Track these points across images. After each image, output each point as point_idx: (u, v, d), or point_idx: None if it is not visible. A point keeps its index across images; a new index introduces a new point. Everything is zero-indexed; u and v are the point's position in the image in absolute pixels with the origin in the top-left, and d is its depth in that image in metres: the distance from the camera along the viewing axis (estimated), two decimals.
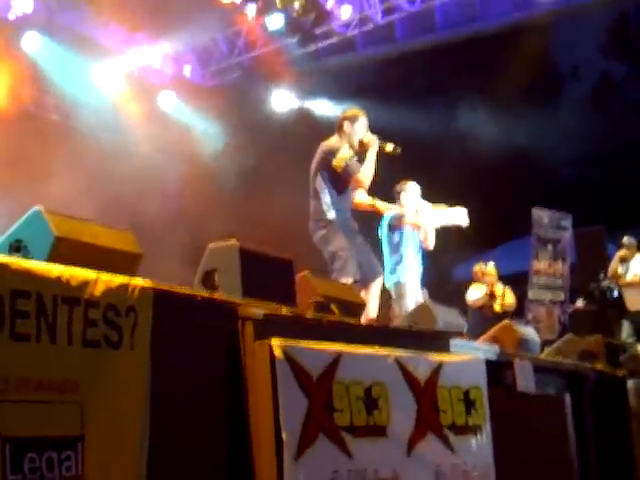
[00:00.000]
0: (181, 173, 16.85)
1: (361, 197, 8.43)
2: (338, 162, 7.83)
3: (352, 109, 8.29)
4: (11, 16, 13.74)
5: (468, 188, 13.55)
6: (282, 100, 16.81)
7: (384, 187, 8.99)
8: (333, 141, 8.05)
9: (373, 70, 17.22)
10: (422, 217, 9.64)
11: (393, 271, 9.59)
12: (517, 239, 17.37)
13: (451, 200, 9.90)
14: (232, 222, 14.21)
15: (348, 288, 6.15)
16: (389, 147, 8.03)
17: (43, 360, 2.97)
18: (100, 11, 14.16)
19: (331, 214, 7.89)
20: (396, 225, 9.67)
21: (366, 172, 7.91)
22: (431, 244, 9.63)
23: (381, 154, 8.04)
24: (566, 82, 27.11)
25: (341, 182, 7.93)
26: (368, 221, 8.83)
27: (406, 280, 9.57)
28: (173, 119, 16.61)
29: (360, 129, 8.07)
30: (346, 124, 8.06)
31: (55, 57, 14.19)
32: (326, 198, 7.92)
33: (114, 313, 3.25)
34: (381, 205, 8.92)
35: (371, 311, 7.75)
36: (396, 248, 9.67)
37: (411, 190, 9.91)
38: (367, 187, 8.11)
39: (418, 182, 9.73)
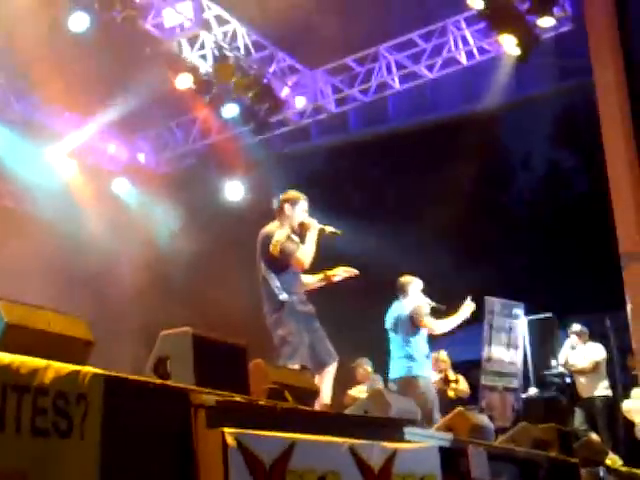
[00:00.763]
0: (134, 258, 16.78)
1: (307, 279, 8.36)
2: (274, 247, 7.86)
3: (292, 192, 8.29)
4: None
5: (422, 276, 13.58)
6: (234, 190, 16.88)
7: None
8: (272, 226, 8.07)
9: (326, 158, 17.39)
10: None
11: (407, 363, 10.08)
12: (470, 327, 17.41)
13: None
14: (185, 308, 14.14)
15: (301, 375, 6.13)
16: (329, 229, 8.10)
17: None
18: (52, 98, 14.21)
19: (283, 296, 7.88)
20: (416, 320, 10.14)
21: (306, 251, 7.91)
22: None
23: (322, 236, 8.07)
24: (517, 172, 27.51)
25: (283, 265, 7.94)
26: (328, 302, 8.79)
27: (419, 374, 10.02)
28: (127, 205, 16.60)
29: (300, 212, 8.11)
30: (287, 206, 8.09)
31: (8, 143, 14.17)
32: (275, 282, 7.92)
33: (64, 401, 3.21)
34: (331, 272, 8.58)
35: (325, 397, 7.69)
36: (414, 341, 10.20)
37: (417, 284, 10.36)
38: (307, 266, 8.02)
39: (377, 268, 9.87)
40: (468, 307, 10.54)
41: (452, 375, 13.53)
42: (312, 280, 8.37)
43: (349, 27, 13.54)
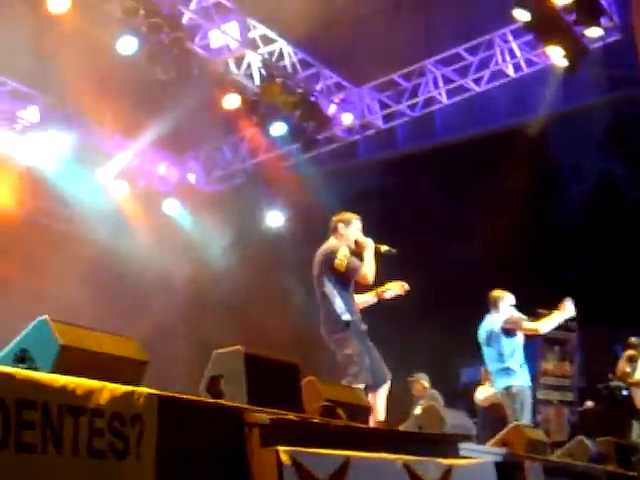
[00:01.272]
0: (185, 278, 16.90)
1: (359, 298, 8.31)
2: (340, 262, 7.85)
3: (346, 213, 8.30)
4: (17, 126, 13.99)
5: (472, 291, 13.47)
6: (283, 208, 16.96)
7: None
8: (331, 243, 8.08)
9: (374, 174, 17.40)
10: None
11: (502, 375, 10.25)
12: (524, 341, 17.28)
13: (452, 302, 10.09)
14: (235, 326, 14.20)
15: (354, 392, 6.10)
16: (384, 248, 8.09)
17: (50, 472, 2.93)
18: (103, 121, 14.37)
19: (346, 316, 7.87)
20: (511, 330, 10.24)
21: (368, 267, 7.91)
22: None
23: (378, 255, 8.06)
24: (566, 183, 27.29)
25: (347, 281, 7.95)
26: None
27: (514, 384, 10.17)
28: (177, 225, 16.71)
29: (354, 231, 8.11)
30: (341, 226, 8.10)
31: (60, 166, 14.33)
32: (338, 301, 7.90)
33: (120, 422, 3.22)
34: (382, 288, 8.51)
35: (379, 414, 7.67)
36: (508, 353, 10.31)
37: (508, 298, 10.44)
38: (371, 282, 8.01)
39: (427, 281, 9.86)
40: (570, 304, 10.52)
41: None
42: (364, 299, 8.36)
43: (395, 43, 13.55)
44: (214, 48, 13.32)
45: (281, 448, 3.75)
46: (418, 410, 11.88)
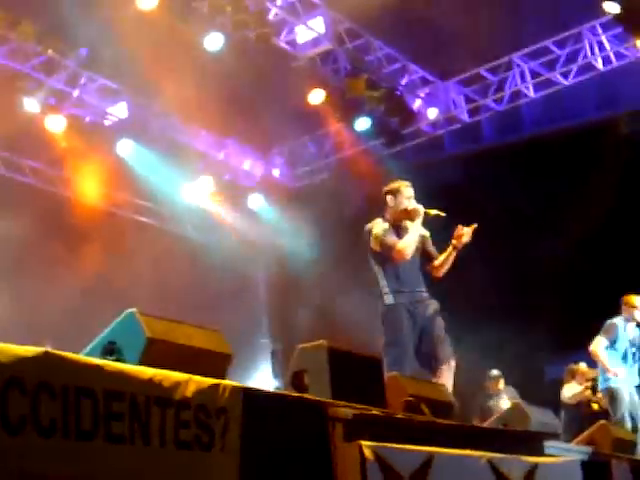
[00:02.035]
0: (269, 273, 17.00)
1: (437, 262, 7.87)
2: (374, 241, 7.66)
3: (394, 182, 8.04)
4: (107, 122, 14.23)
5: (563, 290, 13.32)
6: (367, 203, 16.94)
7: None
8: (373, 222, 7.84)
9: (459, 169, 17.28)
10: None
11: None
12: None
13: (542, 303, 9.98)
14: (318, 321, 14.25)
15: (438, 387, 6.08)
16: (433, 212, 7.73)
17: (137, 462, 2.98)
18: (190, 117, 14.52)
19: (388, 299, 7.64)
20: None
21: (407, 241, 7.61)
22: None
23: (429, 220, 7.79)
24: None
25: (386, 258, 7.68)
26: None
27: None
28: (262, 220, 16.81)
29: (404, 201, 7.81)
30: (389, 198, 7.85)
31: (148, 163, 14.53)
32: (382, 281, 7.69)
33: (205, 414, 3.26)
34: (455, 237, 7.84)
35: None
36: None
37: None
38: (409, 257, 7.64)
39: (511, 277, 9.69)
40: None
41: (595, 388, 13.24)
42: (441, 259, 7.85)
43: (481, 37, 13.44)
44: (300, 43, 13.36)
45: (364, 443, 3.76)
46: (503, 405, 11.84)
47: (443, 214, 7.78)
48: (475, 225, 7.75)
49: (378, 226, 7.74)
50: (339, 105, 14.19)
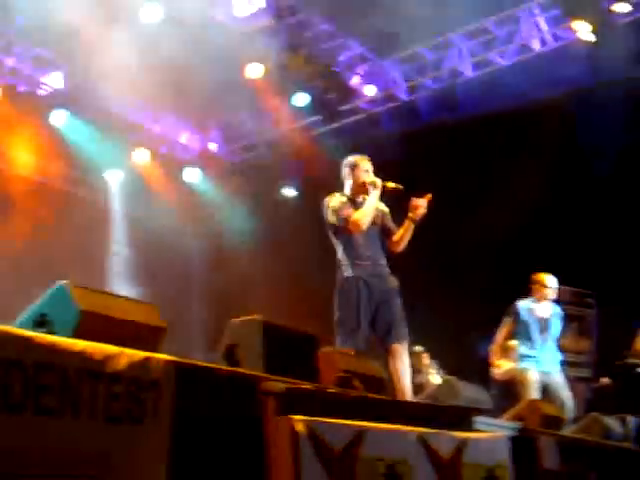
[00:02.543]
0: (204, 246, 16.95)
1: (395, 237, 7.81)
2: (331, 215, 7.64)
3: (351, 156, 8.01)
4: (41, 92, 14.04)
5: (493, 265, 13.45)
6: (303, 179, 16.98)
7: None
8: (330, 195, 7.82)
9: (397, 147, 17.35)
10: None
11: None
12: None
13: (474, 282, 10.06)
14: (253, 295, 14.24)
15: (370, 363, 6.12)
16: (391, 185, 7.74)
17: (66, 435, 2.96)
18: (128, 90, 14.38)
19: (347, 271, 7.58)
20: None
21: (362, 212, 7.57)
22: None
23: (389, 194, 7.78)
24: (592, 159, 27.14)
25: (343, 230, 7.64)
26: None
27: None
28: (198, 194, 16.74)
29: (362, 174, 7.80)
30: (346, 171, 7.85)
31: (83, 133, 14.38)
32: (340, 254, 7.65)
33: (137, 388, 3.25)
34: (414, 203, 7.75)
35: (401, 387, 7.26)
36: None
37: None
38: (365, 227, 7.58)
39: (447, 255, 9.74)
40: None
41: None
42: (399, 234, 7.79)
43: (420, 15, 13.46)
44: (239, 17, 13.28)
45: (296, 417, 3.78)
46: (434, 381, 11.96)
47: (401, 187, 7.81)
48: (430, 195, 7.75)
49: (335, 199, 7.72)
50: (277, 80, 14.14)
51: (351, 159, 7.96)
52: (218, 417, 3.62)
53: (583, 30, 12.79)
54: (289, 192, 17.11)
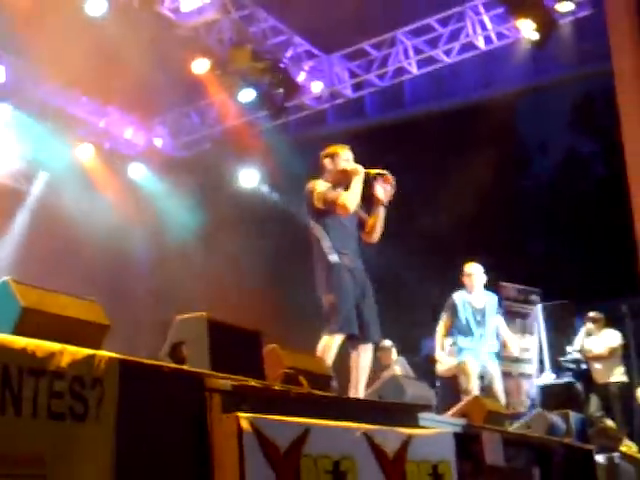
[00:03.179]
0: (149, 242, 16.82)
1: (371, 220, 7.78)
2: (317, 199, 7.48)
3: (332, 146, 7.94)
4: None
5: (438, 262, 13.54)
6: (250, 175, 16.94)
7: None
8: (313, 182, 7.68)
9: (342, 143, 17.40)
10: None
11: None
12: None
13: (420, 273, 10.10)
14: (199, 292, 14.18)
15: (316, 360, 6.12)
16: (374, 171, 7.68)
17: (7, 433, 2.93)
18: (71, 84, 14.24)
19: (333, 258, 7.42)
20: None
21: (349, 195, 7.47)
22: None
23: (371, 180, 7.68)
24: (534, 157, 27.38)
25: (330, 214, 7.53)
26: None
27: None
28: (143, 190, 16.62)
29: (341, 162, 7.74)
30: (327, 161, 7.77)
31: (26, 128, 14.20)
32: (325, 242, 7.48)
33: (80, 385, 3.22)
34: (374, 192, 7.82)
35: (361, 376, 7.27)
36: None
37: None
38: (352, 211, 7.51)
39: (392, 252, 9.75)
40: None
41: None
42: (371, 224, 7.76)
43: (366, 12, 13.51)
44: (184, 12, 13.19)
45: (242, 414, 3.77)
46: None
47: (384, 172, 7.74)
48: (390, 177, 7.73)
49: (320, 184, 7.59)
50: (223, 76, 14.08)
51: (331, 149, 7.89)
52: (164, 415, 3.60)
53: (526, 29, 12.90)
54: (234, 188, 17.06)
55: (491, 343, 10.69)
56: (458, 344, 10.63)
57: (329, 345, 7.07)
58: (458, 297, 10.67)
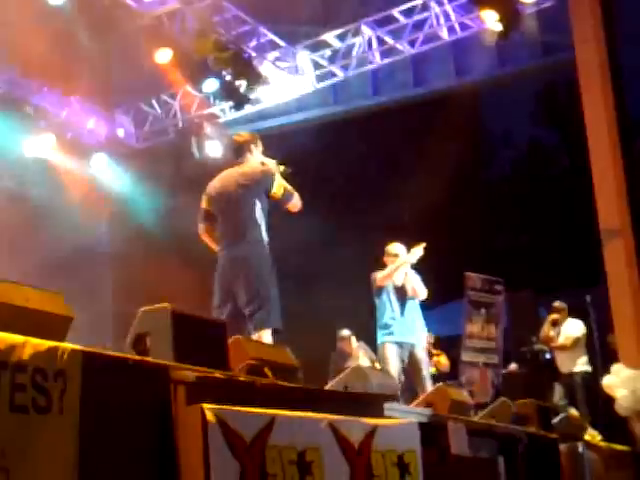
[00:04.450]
0: (113, 234, 16.74)
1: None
2: (278, 188, 7.50)
3: (249, 133, 8.09)
4: None
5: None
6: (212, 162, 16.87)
7: None
8: (257, 165, 7.68)
9: (306, 135, 17.35)
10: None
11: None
12: (451, 303, 17.51)
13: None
14: (164, 286, 14.11)
15: (281, 350, 6.10)
16: (282, 168, 7.74)
17: None
18: (31, 72, 14.11)
19: (267, 249, 7.52)
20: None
21: (297, 196, 7.66)
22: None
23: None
24: (498, 148, 27.52)
25: (283, 208, 7.66)
26: None
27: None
28: (105, 180, 16.51)
29: (260, 153, 7.85)
30: (252, 147, 7.80)
31: None
32: (264, 231, 7.51)
33: (43, 377, 3.18)
34: None
35: None
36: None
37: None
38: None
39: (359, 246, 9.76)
40: (418, 250, 10.36)
41: (433, 350, 13.58)
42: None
43: (330, 3, 13.50)
44: (147, 1, 13.12)
45: (206, 406, 3.75)
46: (363, 364, 12.02)
47: (289, 170, 7.78)
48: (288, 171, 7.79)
49: (279, 177, 7.57)
50: (186, 65, 14.02)
51: (253, 136, 7.98)
52: (127, 407, 3.57)
53: (490, 19, 12.93)
54: (196, 177, 16.98)
55: (417, 323, 10.47)
56: (379, 324, 10.37)
57: None
58: (379, 276, 10.44)
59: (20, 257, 12.94)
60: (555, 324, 13.94)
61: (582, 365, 13.62)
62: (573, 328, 13.74)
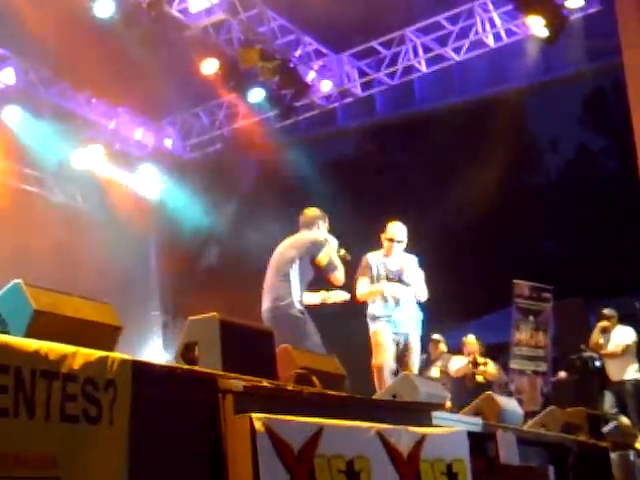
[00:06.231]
0: (161, 246, 16.85)
1: (307, 296, 8.42)
2: (323, 257, 8.04)
3: (318, 210, 8.53)
4: None
5: (451, 260, 13.50)
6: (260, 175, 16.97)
7: None
8: (318, 235, 8.26)
9: (352, 142, 17.37)
10: None
11: None
12: (499, 311, 17.40)
13: (433, 271, 9.88)
14: (211, 294, 14.17)
15: (329, 360, 6.10)
16: (342, 252, 8.34)
17: (21, 436, 2.92)
18: (82, 86, 14.24)
19: (301, 306, 8.04)
20: None
21: (342, 271, 8.17)
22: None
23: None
24: (545, 154, 27.34)
25: (311, 275, 8.17)
26: None
27: None
28: (153, 191, 16.63)
29: (325, 230, 8.40)
30: (321, 223, 8.35)
31: (36, 131, 14.20)
32: (296, 287, 8.04)
33: (93, 387, 3.21)
34: (328, 294, 8.75)
35: None
36: None
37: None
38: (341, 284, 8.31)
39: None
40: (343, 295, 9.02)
41: (480, 359, 13.48)
42: (309, 298, 8.44)
43: (375, 10, 13.48)
44: (193, 13, 13.20)
45: (255, 415, 3.75)
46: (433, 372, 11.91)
47: (349, 257, 8.45)
48: (347, 298, 8.57)
49: (328, 247, 8.17)
50: (232, 76, 14.07)
51: (320, 213, 8.55)
52: (176, 416, 3.59)
53: (536, 25, 12.86)
54: (243, 187, 17.08)
55: (412, 311, 9.41)
56: (371, 310, 9.35)
57: None
58: (373, 257, 9.42)
59: (69, 268, 13.06)
60: (605, 331, 13.78)
61: (633, 373, 13.45)
62: (623, 335, 13.58)
